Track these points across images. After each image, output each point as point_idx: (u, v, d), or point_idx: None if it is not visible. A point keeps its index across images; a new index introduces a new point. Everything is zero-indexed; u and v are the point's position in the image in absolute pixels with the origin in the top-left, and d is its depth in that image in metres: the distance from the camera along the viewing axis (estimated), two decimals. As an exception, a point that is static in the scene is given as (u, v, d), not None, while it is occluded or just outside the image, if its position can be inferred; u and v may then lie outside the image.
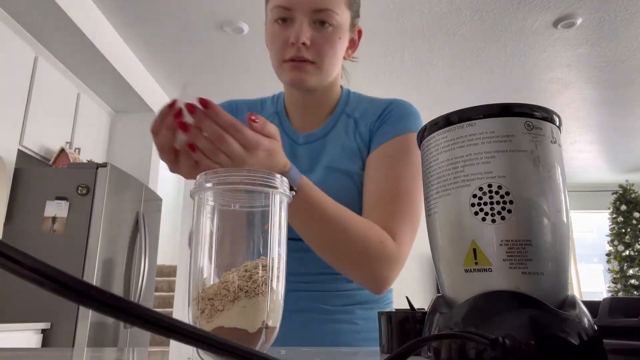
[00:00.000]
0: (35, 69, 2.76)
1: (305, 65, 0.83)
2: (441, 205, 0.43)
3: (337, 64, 0.88)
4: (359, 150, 0.89)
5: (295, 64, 0.83)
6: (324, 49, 0.83)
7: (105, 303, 0.17)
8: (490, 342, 0.33)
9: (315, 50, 0.82)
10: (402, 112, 0.90)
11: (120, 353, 0.66)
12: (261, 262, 0.41)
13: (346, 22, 0.86)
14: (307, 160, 0.90)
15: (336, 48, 0.85)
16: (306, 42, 0.81)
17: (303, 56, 0.82)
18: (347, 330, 0.84)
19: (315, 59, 0.83)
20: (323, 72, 0.85)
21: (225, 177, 0.42)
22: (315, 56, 0.83)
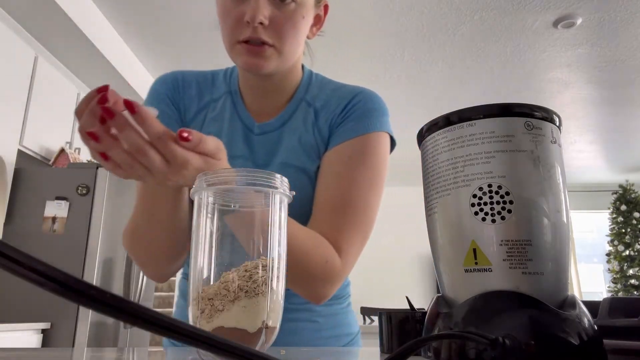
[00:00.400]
0: (35, 69, 2.76)
1: (263, 49, 0.71)
2: (441, 205, 0.43)
3: (299, 46, 0.77)
4: (317, 146, 0.79)
5: (251, 47, 0.71)
6: (285, 30, 0.71)
7: (105, 303, 0.17)
8: (490, 342, 0.33)
9: (274, 31, 0.71)
10: (368, 107, 0.80)
11: (120, 353, 0.66)
12: (261, 262, 0.41)
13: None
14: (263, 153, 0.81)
15: (298, 28, 0.73)
16: (264, 21, 0.69)
17: (260, 37, 0.70)
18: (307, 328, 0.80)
19: (275, 41, 0.71)
20: (283, 56, 0.73)
21: (225, 177, 0.42)
22: (274, 38, 0.71)
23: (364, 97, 0.81)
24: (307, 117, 0.82)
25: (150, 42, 3.30)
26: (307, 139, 0.80)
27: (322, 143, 0.80)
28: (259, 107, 0.84)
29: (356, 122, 0.78)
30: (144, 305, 0.18)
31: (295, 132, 0.81)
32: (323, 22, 0.84)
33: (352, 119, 0.78)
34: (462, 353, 0.37)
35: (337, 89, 0.85)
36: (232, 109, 0.84)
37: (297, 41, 0.75)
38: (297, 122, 0.82)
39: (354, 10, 2.94)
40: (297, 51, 0.78)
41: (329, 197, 0.74)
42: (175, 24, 3.09)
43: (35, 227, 2.55)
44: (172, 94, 0.83)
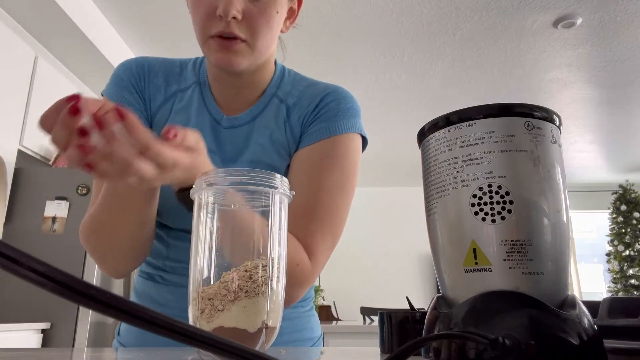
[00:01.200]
0: (35, 69, 2.76)
1: (236, 45, 0.69)
2: (441, 205, 0.43)
3: (273, 41, 0.75)
4: (287, 144, 0.77)
5: (223, 42, 0.69)
6: (259, 25, 0.69)
7: (105, 303, 0.17)
8: (490, 342, 0.33)
9: (247, 26, 0.69)
10: (340, 107, 0.78)
11: (120, 353, 0.66)
12: (261, 262, 0.41)
13: None
14: (231, 148, 0.78)
15: (272, 24, 0.71)
16: (237, 15, 0.67)
17: (233, 32, 0.68)
18: None
19: (248, 36, 0.69)
20: (256, 52, 0.71)
21: (224, 177, 0.42)
22: (247, 33, 0.69)
23: (337, 97, 0.79)
24: (278, 114, 0.80)
25: (150, 42, 3.30)
26: (278, 136, 0.78)
27: (293, 141, 0.78)
28: (228, 101, 0.81)
29: (327, 122, 0.76)
30: (143, 305, 0.18)
31: (266, 128, 0.79)
32: (297, 15, 0.81)
33: (324, 119, 0.77)
34: (462, 353, 0.37)
35: (310, 85, 0.83)
36: (199, 101, 0.81)
37: (270, 36, 0.73)
38: (268, 118, 0.79)
39: (354, 11, 2.94)
40: (270, 47, 0.75)
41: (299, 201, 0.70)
42: (175, 24, 3.09)
43: (35, 227, 2.55)
44: (136, 81, 0.80)
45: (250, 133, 0.78)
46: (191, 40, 3.60)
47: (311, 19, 3.01)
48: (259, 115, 0.79)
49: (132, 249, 0.70)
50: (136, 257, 0.73)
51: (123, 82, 0.79)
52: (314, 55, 3.40)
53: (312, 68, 3.51)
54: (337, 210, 0.73)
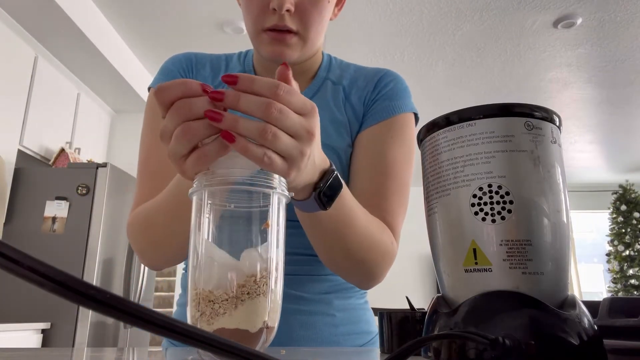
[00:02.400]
0: (35, 69, 2.76)
1: (289, 37, 0.70)
2: (441, 205, 0.43)
3: (323, 31, 0.75)
4: (348, 124, 0.78)
5: (276, 35, 0.69)
6: (312, 17, 0.69)
7: (105, 303, 0.17)
8: (490, 342, 0.33)
9: (300, 18, 0.69)
10: (399, 87, 0.80)
11: (120, 353, 0.66)
12: (261, 263, 0.41)
13: None
14: None
15: (324, 14, 0.71)
16: (290, 8, 0.67)
17: (286, 25, 0.68)
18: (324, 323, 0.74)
19: (300, 28, 0.70)
20: (308, 44, 0.72)
21: (224, 177, 0.42)
22: (299, 26, 0.69)
23: (393, 77, 0.82)
24: (336, 95, 0.80)
25: (151, 43, 3.30)
26: (338, 117, 0.78)
27: (355, 121, 0.78)
28: None
29: (389, 101, 0.78)
30: (143, 305, 0.18)
31: (324, 109, 0.77)
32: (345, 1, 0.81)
33: (386, 98, 0.78)
34: (462, 353, 0.37)
35: (359, 69, 0.85)
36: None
37: (322, 27, 0.73)
38: (324, 100, 0.80)
39: (354, 11, 2.94)
40: (321, 36, 0.76)
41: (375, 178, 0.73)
42: (175, 24, 3.09)
43: (35, 227, 2.55)
44: (185, 72, 0.81)
45: None
46: (191, 40, 3.58)
47: (311, 19, 3.01)
48: (313, 97, 0.79)
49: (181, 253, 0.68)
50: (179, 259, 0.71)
51: (172, 73, 0.80)
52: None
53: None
54: (406, 183, 0.76)
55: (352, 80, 0.81)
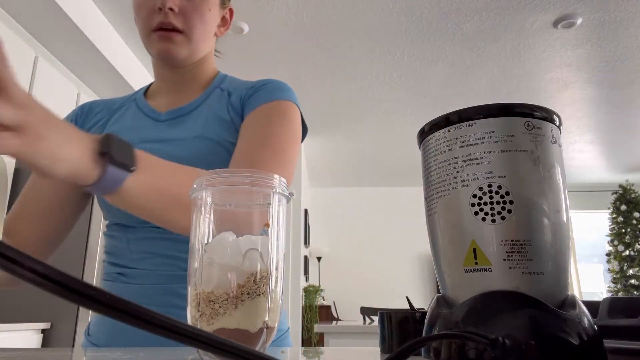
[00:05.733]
0: (35, 69, 2.76)
1: (174, 35, 0.79)
2: (441, 205, 0.43)
3: (208, 36, 0.85)
4: (232, 122, 0.81)
5: (163, 33, 0.79)
6: (193, 18, 0.80)
7: (105, 303, 0.17)
8: (490, 342, 0.33)
9: (183, 19, 0.79)
10: (278, 85, 0.84)
11: (121, 353, 0.66)
12: (260, 263, 0.41)
13: None
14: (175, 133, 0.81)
15: (205, 18, 0.82)
16: (174, 7, 0.78)
17: (171, 23, 0.78)
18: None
19: (184, 27, 0.80)
20: (193, 42, 0.81)
21: (224, 177, 0.42)
22: (184, 25, 0.79)
23: (275, 80, 0.85)
24: (221, 99, 0.85)
25: (150, 42, 3.31)
26: (221, 115, 0.82)
27: (237, 117, 0.82)
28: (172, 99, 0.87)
29: (269, 93, 0.81)
30: (143, 306, 0.18)
31: (210, 109, 0.83)
32: (229, 24, 0.93)
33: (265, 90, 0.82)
34: (462, 353, 0.37)
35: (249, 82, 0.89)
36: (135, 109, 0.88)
37: (204, 30, 0.83)
38: (212, 103, 0.85)
39: (354, 11, 2.94)
40: (206, 40, 0.85)
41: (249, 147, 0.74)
42: (175, 24, 3.09)
43: (35, 227, 2.54)
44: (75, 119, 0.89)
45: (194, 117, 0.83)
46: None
47: (311, 19, 3.01)
48: (202, 103, 0.85)
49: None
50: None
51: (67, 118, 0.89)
52: (314, 55, 3.40)
53: (312, 67, 3.51)
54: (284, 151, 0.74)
55: (238, 86, 0.88)
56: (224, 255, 0.41)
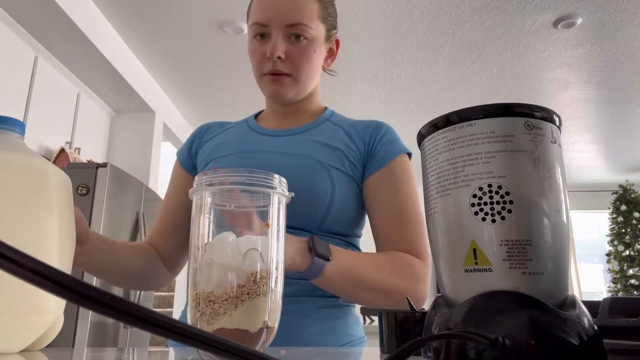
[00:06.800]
0: (35, 69, 2.76)
1: (283, 79, 0.87)
2: (441, 205, 0.43)
3: (314, 75, 0.92)
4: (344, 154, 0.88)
5: (273, 77, 0.87)
6: (300, 62, 0.87)
7: (105, 304, 0.17)
8: (490, 342, 0.33)
9: (290, 63, 0.86)
10: (393, 134, 0.94)
11: (120, 353, 0.66)
12: (261, 263, 0.41)
13: (320, 35, 0.90)
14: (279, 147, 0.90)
15: (311, 60, 0.88)
16: (281, 55, 0.85)
17: (279, 69, 0.86)
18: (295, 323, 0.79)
19: (292, 71, 0.87)
20: (300, 84, 0.89)
21: (224, 177, 0.42)
22: (291, 69, 0.87)
23: (386, 126, 0.95)
24: (335, 132, 0.93)
25: (150, 42, 3.30)
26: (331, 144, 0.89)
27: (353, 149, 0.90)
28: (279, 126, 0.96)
29: (389, 146, 0.91)
30: (143, 306, 0.18)
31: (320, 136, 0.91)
32: (336, 54, 0.99)
33: (386, 143, 0.91)
34: (462, 353, 0.37)
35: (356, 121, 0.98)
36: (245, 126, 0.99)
37: (311, 70, 0.90)
38: (322, 132, 0.92)
39: (354, 10, 2.94)
40: (312, 79, 0.92)
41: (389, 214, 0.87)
42: (175, 24, 3.09)
43: (35, 227, 2.54)
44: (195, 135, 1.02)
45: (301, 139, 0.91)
46: (191, 40, 3.57)
47: (311, 19, 3.00)
48: (312, 129, 0.93)
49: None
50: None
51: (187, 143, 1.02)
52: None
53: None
54: (418, 213, 0.88)
55: (351, 125, 0.95)
56: (224, 255, 0.41)
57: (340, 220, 0.85)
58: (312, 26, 0.87)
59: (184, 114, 4.46)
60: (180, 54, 3.43)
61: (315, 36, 0.88)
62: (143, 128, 3.77)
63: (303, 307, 0.81)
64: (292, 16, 0.85)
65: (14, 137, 0.52)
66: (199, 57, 3.44)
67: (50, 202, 0.50)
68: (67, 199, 0.55)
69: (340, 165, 0.87)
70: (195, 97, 4.12)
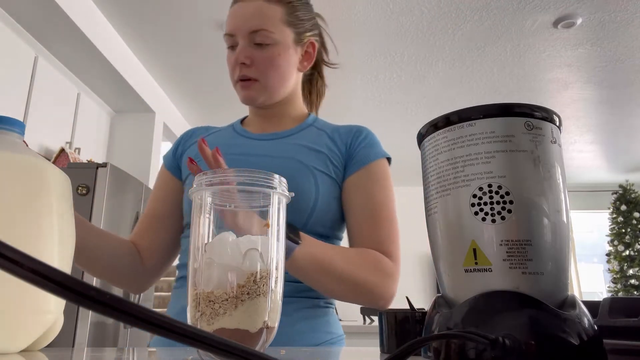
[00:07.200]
0: (35, 69, 2.76)
1: (251, 84, 0.90)
2: (441, 205, 0.43)
3: (284, 79, 0.93)
4: (328, 157, 0.91)
5: (242, 83, 0.90)
6: (265, 66, 0.89)
7: (105, 304, 0.17)
8: (490, 342, 0.33)
9: (256, 68, 0.89)
10: (374, 139, 0.96)
11: (120, 353, 0.66)
12: (261, 263, 0.41)
13: (287, 38, 0.92)
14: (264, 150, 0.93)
15: (277, 64, 0.90)
16: (245, 61, 0.88)
17: (245, 75, 0.89)
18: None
19: (258, 76, 0.90)
20: (268, 88, 0.91)
21: (224, 177, 0.42)
22: (257, 74, 0.89)
23: (367, 131, 0.97)
24: (318, 136, 0.95)
25: (150, 42, 3.30)
26: (315, 147, 0.92)
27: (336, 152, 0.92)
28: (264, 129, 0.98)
29: (369, 149, 0.93)
30: (143, 306, 0.18)
31: (304, 140, 0.93)
32: (314, 57, 1.00)
33: (366, 146, 0.93)
34: (462, 353, 0.37)
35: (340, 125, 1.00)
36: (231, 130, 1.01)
37: (278, 74, 0.91)
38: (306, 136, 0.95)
39: (354, 10, 2.94)
40: (283, 83, 0.93)
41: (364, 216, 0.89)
42: (175, 24, 3.09)
43: (35, 227, 2.54)
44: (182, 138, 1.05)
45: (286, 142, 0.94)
46: (191, 40, 3.57)
47: (311, 19, 3.01)
48: (296, 134, 0.95)
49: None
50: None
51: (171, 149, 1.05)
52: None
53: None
54: (392, 217, 0.91)
55: (334, 129, 0.98)
56: (224, 255, 0.41)
57: (323, 221, 0.87)
58: (276, 31, 0.89)
59: (184, 114, 4.46)
60: (181, 54, 3.43)
61: (280, 40, 0.90)
62: (143, 128, 3.77)
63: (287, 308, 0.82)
64: (253, 23, 0.88)
65: (14, 137, 0.52)
66: (199, 57, 3.44)
67: (50, 202, 0.50)
68: (67, 199, 0.55)
69: (324, 168, 0.89)
70: (195, 97, 4.12)
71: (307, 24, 0.98)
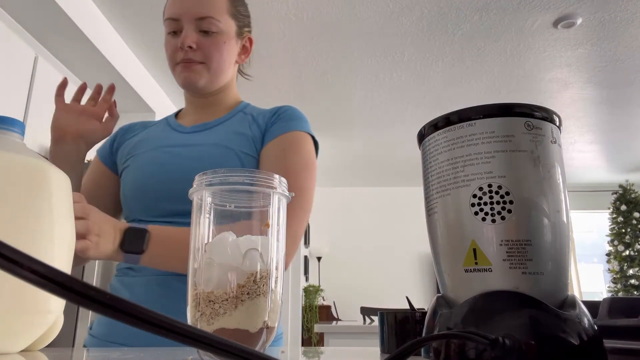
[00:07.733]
0: (35, 69, 2.76)
1: (195, 65, 0.91)
2: (441, 205, 0.43)
3: (226, 66, 0.95)
4: (252, 137, 0.92)
5: (185, 65, 0.91)
6: (211, 50, 0.91)
7: (105, 304, 0.17)
8: (490, 342, 0.33)
9: (201, 52, 0.91)
10: (295, 113, 0.96)
11: (121, 353, 0.66)
12: (261, 263, 0.41)
13: (230, 29, 0.94)
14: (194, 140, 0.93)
15: (222, 51, 0.93)
16: (192, 45, 0.90)
17: (190, 58, 0.91)
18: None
19: (203, 59, 0.91)
20: (211, 72, 0.93)
21: (224, 177, 0.42)
22: (202, 57, 0.91)
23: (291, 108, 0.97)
24: (243, 120, 0.96)
25: (150, 42, 3.30)
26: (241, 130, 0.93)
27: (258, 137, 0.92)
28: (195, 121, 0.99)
29: (286, 122, 0.92)
30: (143, 306, 0.18)
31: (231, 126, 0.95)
32: (250, 52, 1.03)
33: (284, 119, 0.93)
34: (462, 353, 0.37)
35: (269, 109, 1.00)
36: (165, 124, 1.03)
37: (222, 60, 0.93)
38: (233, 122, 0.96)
39: (354, 11, 2.94)
40: (224, 70, 0.96)
41: None
42: (175, 24, 3.09)
43: (35, 227, 2.54)
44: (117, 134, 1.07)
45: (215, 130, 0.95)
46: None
47: (311, 19, 3.01)
48: (225, 121, 0.97)
49: None
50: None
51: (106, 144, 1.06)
52: (314, 55, 3.40)
53: (312, 68, 3.51)
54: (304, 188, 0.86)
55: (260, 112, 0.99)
56: (224, 255, 0.41)
57: None
58: (221, 20, 0.92)
59: (184, 114, 4.46)
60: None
61: (225, 30, 0.93)
62: (143, 128, 3.77)
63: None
64: (201, 10, 0.90)
65: (14, 137, 0.52)
66: (199, 57, 3.44)
67: (50, 203, 0.50)
68: (66, 199, 0.55)
69: (249, 149, 0.90)
70: (195, 97, 4.11)
71: (246, 20, 1.01)
